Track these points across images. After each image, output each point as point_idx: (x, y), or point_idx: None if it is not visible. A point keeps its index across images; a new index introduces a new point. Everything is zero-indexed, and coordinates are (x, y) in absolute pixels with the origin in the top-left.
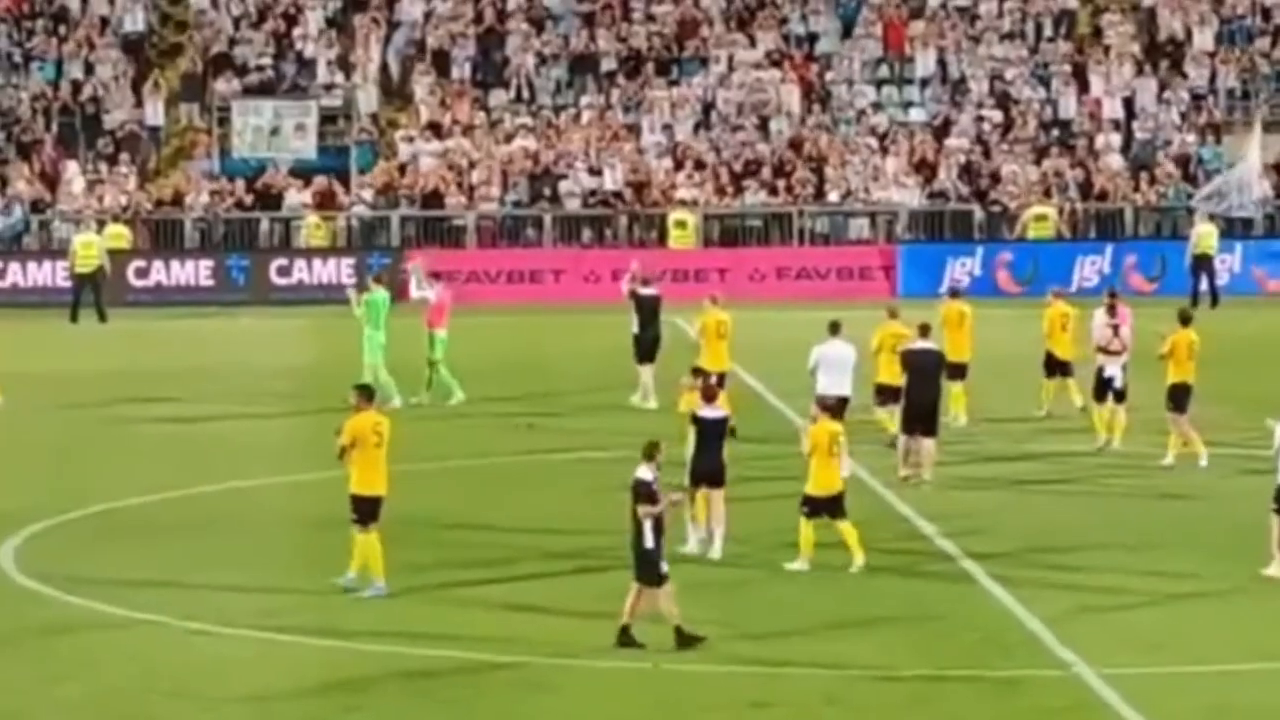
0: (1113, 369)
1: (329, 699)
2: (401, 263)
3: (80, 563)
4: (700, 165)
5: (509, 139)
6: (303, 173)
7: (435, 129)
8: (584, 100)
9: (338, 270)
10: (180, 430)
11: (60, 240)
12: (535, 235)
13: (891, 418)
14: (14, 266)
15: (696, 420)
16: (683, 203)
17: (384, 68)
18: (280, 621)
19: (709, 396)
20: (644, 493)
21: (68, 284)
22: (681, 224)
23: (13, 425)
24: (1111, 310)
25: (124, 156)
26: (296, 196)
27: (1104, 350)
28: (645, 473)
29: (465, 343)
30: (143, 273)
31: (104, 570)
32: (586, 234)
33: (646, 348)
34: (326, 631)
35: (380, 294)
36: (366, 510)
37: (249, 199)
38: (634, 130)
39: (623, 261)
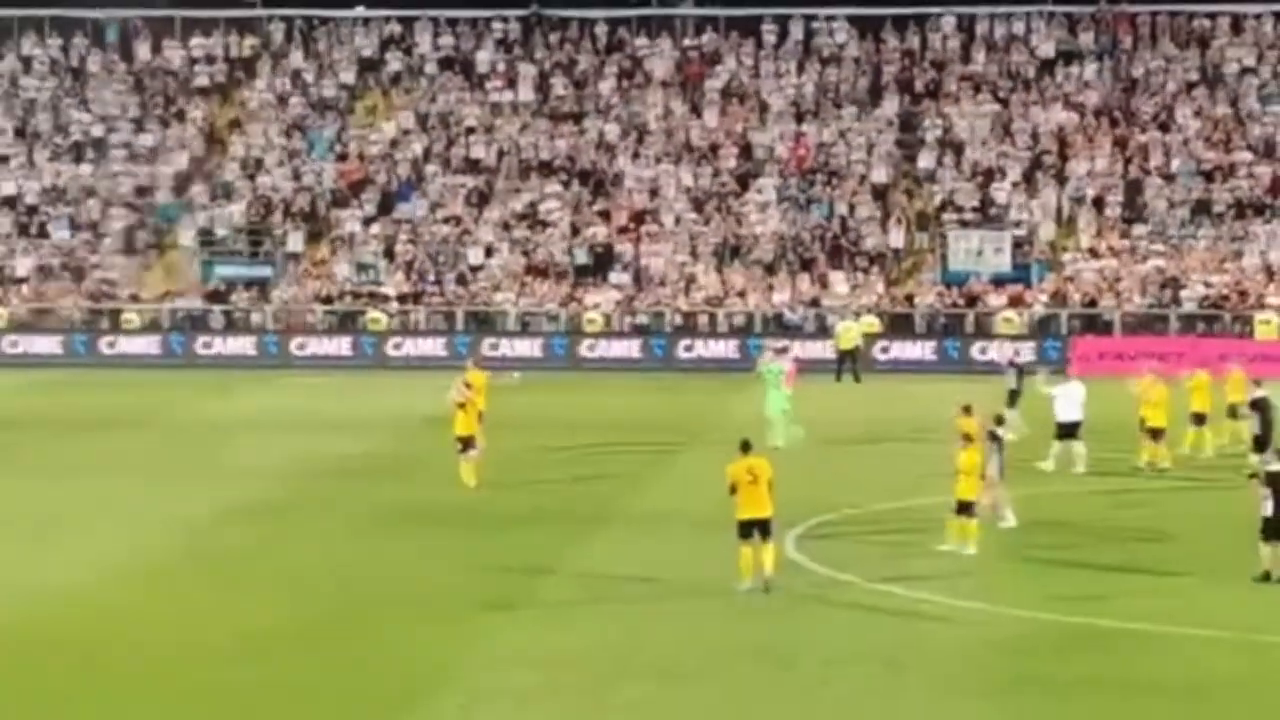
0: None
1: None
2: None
3: (841, 554)
4: None
5: (1145, 258)
6: (999, 283)
7: (1092, 252)
8: None
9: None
10: (910, 451)
11: (828, 326)
12: (1163, 327)
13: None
14: (796, 345)
15: None
16: None
17: (1057, 206)
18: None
19: None
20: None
21: (833, 356)
22: None
23: (794, 451)
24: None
25: (874, 269)
26: (994, 300)
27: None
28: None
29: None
30: (884, 350)
31: (862, 559)
32: None
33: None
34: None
35: (775, 365)
36: (746, 530)
37: (960, 301)
38: None
39: None
